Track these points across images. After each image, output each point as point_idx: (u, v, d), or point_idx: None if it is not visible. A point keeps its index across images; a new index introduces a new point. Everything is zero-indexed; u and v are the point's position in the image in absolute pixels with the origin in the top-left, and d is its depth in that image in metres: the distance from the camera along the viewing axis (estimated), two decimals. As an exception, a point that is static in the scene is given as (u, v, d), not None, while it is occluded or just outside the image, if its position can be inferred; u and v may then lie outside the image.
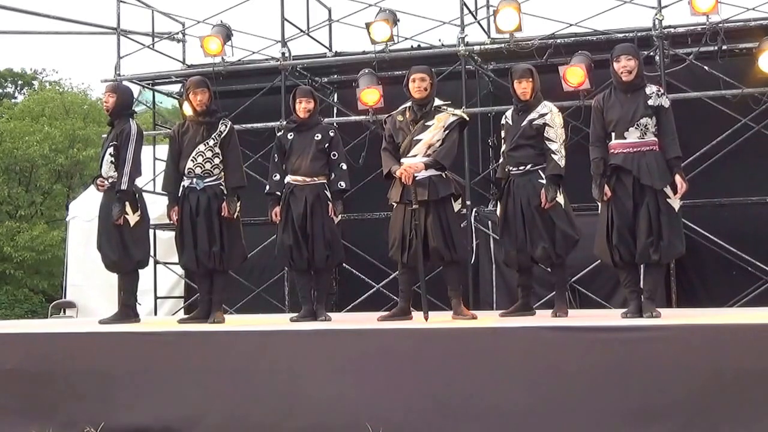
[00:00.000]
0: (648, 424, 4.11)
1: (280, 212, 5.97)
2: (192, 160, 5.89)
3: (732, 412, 4.04)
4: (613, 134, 5.24)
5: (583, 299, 8.00)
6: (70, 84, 22.52)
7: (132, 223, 5.93)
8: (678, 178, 5.12)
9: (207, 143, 5.89)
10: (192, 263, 5.97)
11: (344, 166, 6.03)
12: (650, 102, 5.15)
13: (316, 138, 5.97)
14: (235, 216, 5.94)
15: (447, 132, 5.53)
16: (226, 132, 5.95)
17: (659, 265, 5.22)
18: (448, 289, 5.61)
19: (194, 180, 5.90)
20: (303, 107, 5.99)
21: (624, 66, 5.17)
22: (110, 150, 5.97)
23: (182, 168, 5.93)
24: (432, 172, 5.49)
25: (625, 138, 5.17)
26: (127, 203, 5.89)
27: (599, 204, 5.31)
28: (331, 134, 6.03)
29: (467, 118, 5.76)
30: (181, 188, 5.98)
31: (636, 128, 5.13)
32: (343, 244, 6.30)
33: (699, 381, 4.10)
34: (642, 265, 5.35)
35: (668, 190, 5.13)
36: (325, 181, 5.98)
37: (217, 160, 5.92)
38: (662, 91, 5.29)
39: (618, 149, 5.19)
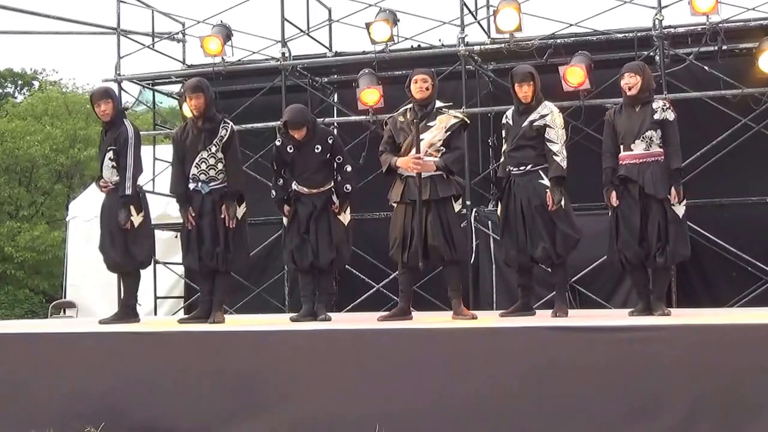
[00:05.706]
0: (648, 424, 4.11)
1: (289, 212, 5.98)
2: (196, 166, 5.86)
3: (732, 411, 4.05)
4: (621, 146, 5.60)
5: (583, 299, 8.00)
6: (74, 84, 22.54)
7: (136, 224, 5.93)
8: (674, 191, 5.45)
9: (209, 150, 5.84)
10: (195, 263, 5.96)
11: (349, 168, 6.00)
12: (656, 116, 5.52)
13: (316, 150, 5.92)
14: (241, 218, 5.93)
15: (449, 133, 5.55)
16: (227, 137, 5.86)
17: (666, 268, 5.60)
18: (448, 289, 5.60)
19: (200, 184, 5.87)
20: (297, 134, 5.85)
21: (626, 83, 5.56)
22: (110, 155, 5.96)
23: (187, 172, 5.91)
24: (434, 172, 5.49)
25: (632, 150, 5.54)
26: (131, 206, 5.90)
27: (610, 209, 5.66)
28: (330, 141, 5.98)
29: (468, 121, 5.78)
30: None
31: (642, 140, 5.51)
32: (345, 245, 6.28)
33: (699, 381, 4.11)
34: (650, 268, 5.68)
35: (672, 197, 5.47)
36: (332, 185, 5.97)
37: (220, 165, 5.86)
38: (668, 105, 5.61)
39: (626, 160, 5.56)
